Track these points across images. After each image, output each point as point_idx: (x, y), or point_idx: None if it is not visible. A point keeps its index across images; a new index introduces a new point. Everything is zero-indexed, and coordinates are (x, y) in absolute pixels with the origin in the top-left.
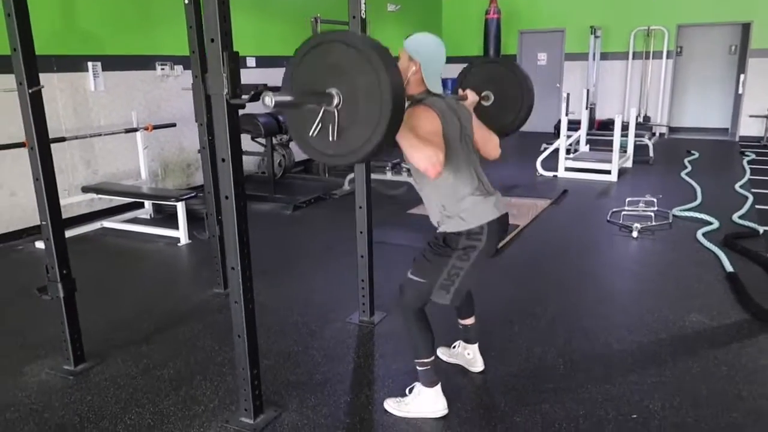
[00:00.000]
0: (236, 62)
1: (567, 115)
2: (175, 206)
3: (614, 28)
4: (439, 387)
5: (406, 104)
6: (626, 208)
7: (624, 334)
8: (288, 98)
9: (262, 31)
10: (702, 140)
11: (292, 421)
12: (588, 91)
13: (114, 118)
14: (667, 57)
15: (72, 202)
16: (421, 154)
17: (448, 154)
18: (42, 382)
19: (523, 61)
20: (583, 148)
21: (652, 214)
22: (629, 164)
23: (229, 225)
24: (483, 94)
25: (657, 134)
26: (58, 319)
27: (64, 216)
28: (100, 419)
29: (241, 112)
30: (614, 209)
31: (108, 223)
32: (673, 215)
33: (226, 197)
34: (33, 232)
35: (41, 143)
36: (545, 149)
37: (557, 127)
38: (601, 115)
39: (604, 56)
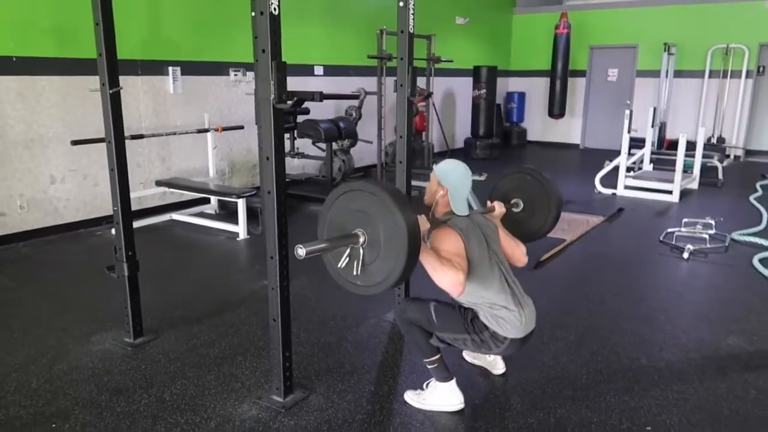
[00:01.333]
0: (283, 71)
1: (629, 132)
2: (236, 203)
3: (690, 45)
4: (453, 382)
5: (429, 228)
6: (682, 229)
7: (654, 351)
8: (318, 246)
9: (331, 42)
10: None
11: (318, 403)
12: (654, 109)
13: (188, 119)
14: (747, 76)
15: (147, 194)
16: (443, 275)
17: (476, 268)
18: (105, 351)
19: (593, 77)
20: (647, 166)
21: (707, 236)
22: (695, 185)
23: (269, 218)
24: (513, 201)
25: (732, 156)
26: (123, 297)
27: (140, 207)
28: (150, 386)
29: (303, 118)
30: (669, 230)
31: (176, 216)
32: (732, 239)
33: (269, 192)
34: (111, 219)
35: (117, 138)
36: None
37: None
38: (672, 134)
39: (679, 74)
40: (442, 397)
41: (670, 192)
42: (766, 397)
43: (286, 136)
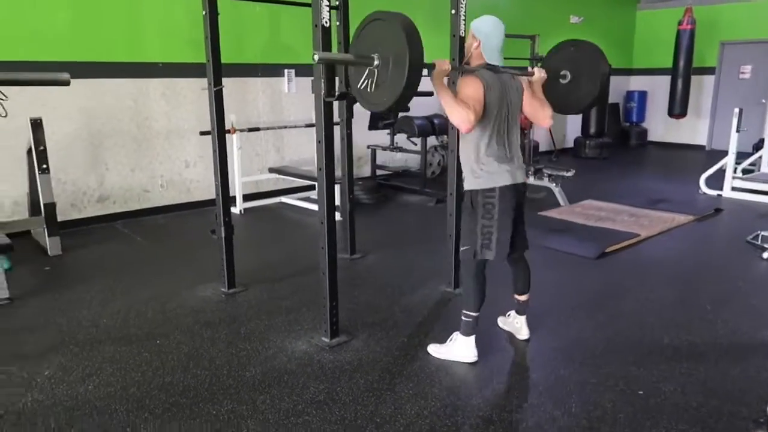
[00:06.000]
0: (332, 72)
1: (738, 131)
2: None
3: None
4: (473, 338)
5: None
6: None
7: (681, 334)
8: (334, 56)
9: (434, 44)
10: None
11: (356, 346)
12: None
13: (300, 115)
14: None
15: (262, 179)
16: (455, 111)
17: (486, 117)
18: (205, 296)
19: (723, 74)
20: (765, 168)
21: None
22: None
23: (321, 191)
24: (561, 73)
25: None
26: (221, 255)
27: (257, 190)
28: (232, 322)
29: (401, 114)
30: (761, 232)
31: (285, 199)
32: None
33: (320, 169)
34: (233, 201)
35: (219, 127)
36: (724, 167)
37: (756, 146)
38: None
39: None
40: (459, 348)
41: None
42: None
43: (386, 131)
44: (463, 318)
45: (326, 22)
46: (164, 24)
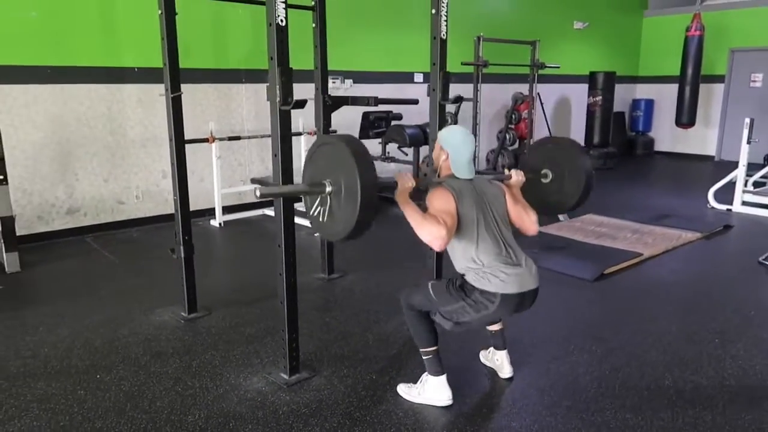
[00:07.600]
0: (288, 76)
1: (749, 142)
2: None
3: None
4: (444, 378)
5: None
6: None
7: (685, 374)
8: (274, 190)
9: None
10: None
11: (318, 384)
12: None
13: None
14: None
15: (244, 190)
16: (424, 228)
17: (467, 228)
18: (162, 321)
19: (733, 83)
20: None
21: None
22: None
23: (277, 210)
24: (542, 172)
25: None
26: (180, 275)
27: (240, 202)
28: (185, 353)
29: (393, 123)
30: None
31: (268, 211)
32: None
33: None
34: (213, 213)
35: (177, 137)
36: (733, 180)
37: None
38: None
39: None
40: (431, 391)
41: None
42: None
43: (377, 141)
44: (423, 357)
45: (281, 21)
46: (140, 26)
